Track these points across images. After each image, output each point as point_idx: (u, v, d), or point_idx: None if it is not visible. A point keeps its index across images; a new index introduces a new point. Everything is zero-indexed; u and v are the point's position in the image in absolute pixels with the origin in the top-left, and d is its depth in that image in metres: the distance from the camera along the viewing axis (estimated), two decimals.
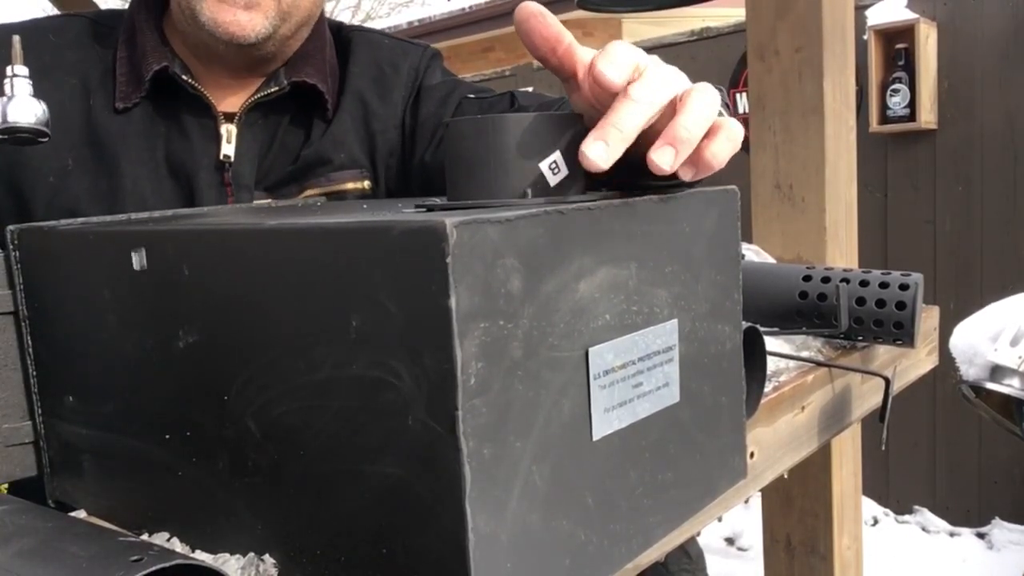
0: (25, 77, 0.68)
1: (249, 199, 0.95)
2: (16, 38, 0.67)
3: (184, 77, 0.92)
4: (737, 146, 0.49)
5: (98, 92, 0.93)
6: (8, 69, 0.68)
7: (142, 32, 0.93)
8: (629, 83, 0.46)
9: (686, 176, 0.48)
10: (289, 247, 0.42)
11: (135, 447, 0.53)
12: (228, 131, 0.94)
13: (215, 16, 0.86)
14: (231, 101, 0.96)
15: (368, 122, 1.01)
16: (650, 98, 0.45)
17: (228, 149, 0.94)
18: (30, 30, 0.93)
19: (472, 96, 1.02)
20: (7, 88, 0.68)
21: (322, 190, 0.97)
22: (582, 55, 0.51)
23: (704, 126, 0.46)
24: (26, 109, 0.68)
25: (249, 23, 0.87)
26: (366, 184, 1.00)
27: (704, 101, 0.46)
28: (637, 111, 0.45)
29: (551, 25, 0.50)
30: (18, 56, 0.68)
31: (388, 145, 1.02)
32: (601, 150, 0.44)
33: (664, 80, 0.47)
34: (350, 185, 0.99)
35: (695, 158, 0.47)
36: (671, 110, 0.47)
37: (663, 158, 0.45)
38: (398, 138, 1.03)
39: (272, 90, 0.95)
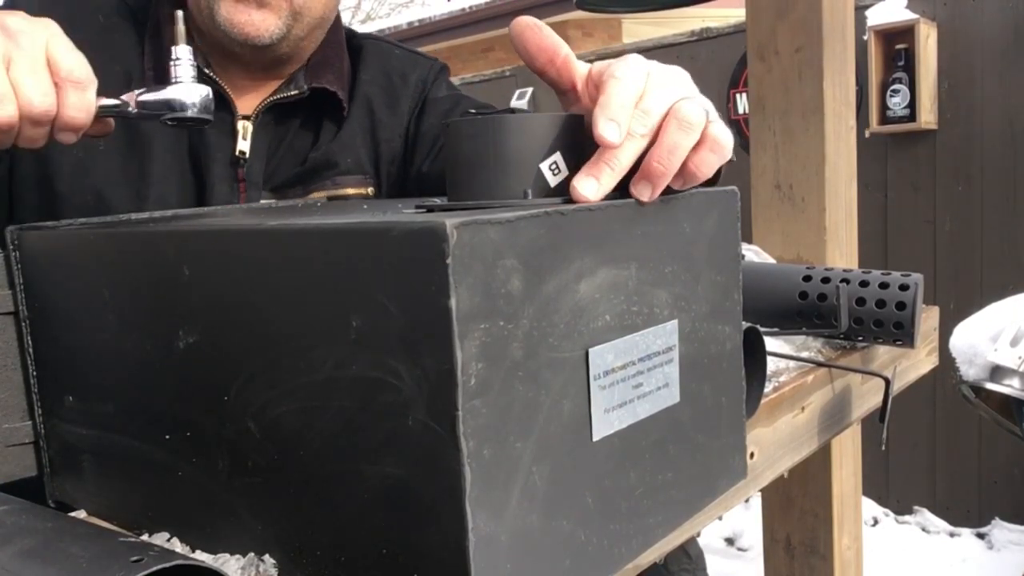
0: (189, 61, 0.70)
1: (258, 197, 0.96)
2: (179, 14, 0.70)
3: (206, 71, 0.93)
4: (724, 156, 0.49)
5: (136, 83, 0.93)
6: (172, 51, 0.69)
7: (165, 25, 0.94)
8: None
9: (675, 186, 0.49)
10: (289, 247, 0.42)
11: (135, 447, 0.53)
12: (244, 128, 0.95)
13: (231, 17, 0.88)
14: (246, 99, 0.97)
15: (375, 130, 1.03)
16: (646, 129, 0.47)
17: (244, 145, 0.95)
18: (83, 2, 0.95)
19: (474, 111, 1.03)
20: (172, 72, 0.70)
21: (327, 193, 0.99)
22: (579, 67, 0.52)
23: (683, 151, 0.47)
24: (191, 93, 0.71)
25: (263, 23, 0.89)
26: (369, 190, 1.02)
27: (685, 121, 0.47)
28: (632, 148, 0.46)
29: (547, 37, 0.51)
30: (181, 36, 0.69)
31: (391, 153, 1.04)
32: (592, 187, 0.45)
33: (663, 102, 0.47)
34: (353, 190, 1.00)
35: (681, 171, 0.48)
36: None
37: (642, 193, 0.47)
38: (401, 147, 1.05)
39: (292, 93, 0.97)
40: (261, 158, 0.96)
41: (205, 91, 0.72)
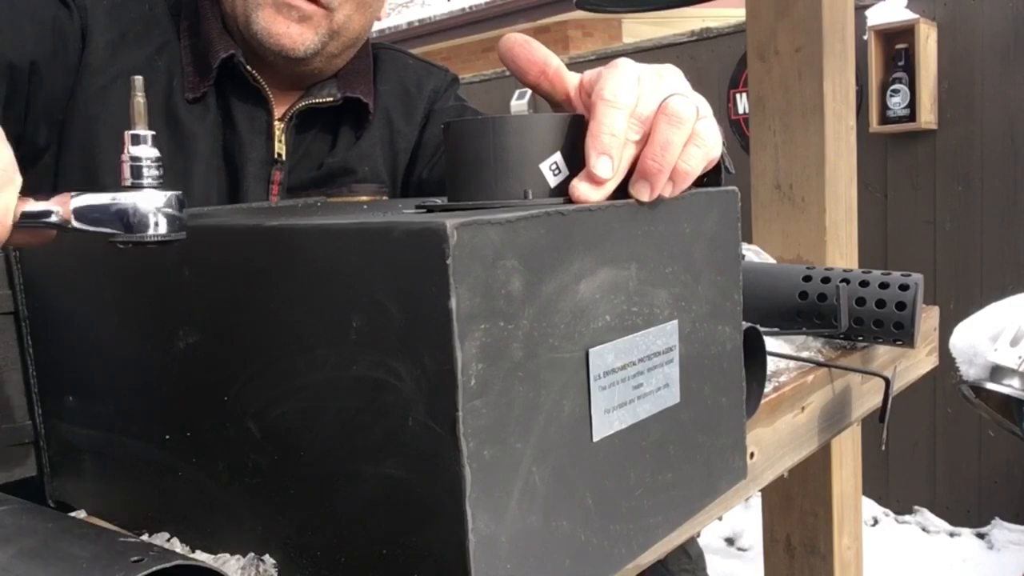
0: (151, 154, 0.46)
1: (286, 198, 0.96)
2: (138, 81, 0.46)
3: (248, 68, 0.92)
4: (709, 151, 0.49)
5: (177, 79, 0.93)
6: (126, 138, 0.45)
7: (207, 20, 0.93)
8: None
9: (666, 193, 0.48)
10: (290, 247, 0.42)
11: (135, 447, 0.53)
12: (280, 129, 0.95)
13: (269, 27, 0.88)
14: (277, 102, 0.97)
15: (393, 140, 1.04)
16: (639, 135, 0.47)
17: (280, 148, 0.95)
18: None
19: None
20: (125, 171, 0.46)
21: (342, 200, 0.99)
22: (571, 77, 0.52)
23: (677, 146, 0.47)
24: (152, 201, 0.45)
25: (300, 36, 0.89)
26: (384, 199, 1.02)
27: (675, 117, 0.47)
28: (629, 152, 0.47)
29: (537, 50, 0.51)
30: (140, 111, 0.46)
31: (404, 162, 1.05)
32: (591, 192, 0.45)
33: (655, 103, 0.47)
34: (368, 198, 1.01)
35: (671, 175, 0.48)
36: None
37: (641, 192, 0.47)
38: (409, 155, 1.06)
39: (327, 99, 0.97)
40: (290, 160, 0.97)
41: (173, 198, 0.46)
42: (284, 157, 0.95)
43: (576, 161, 0.46)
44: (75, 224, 0.46)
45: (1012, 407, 1.09)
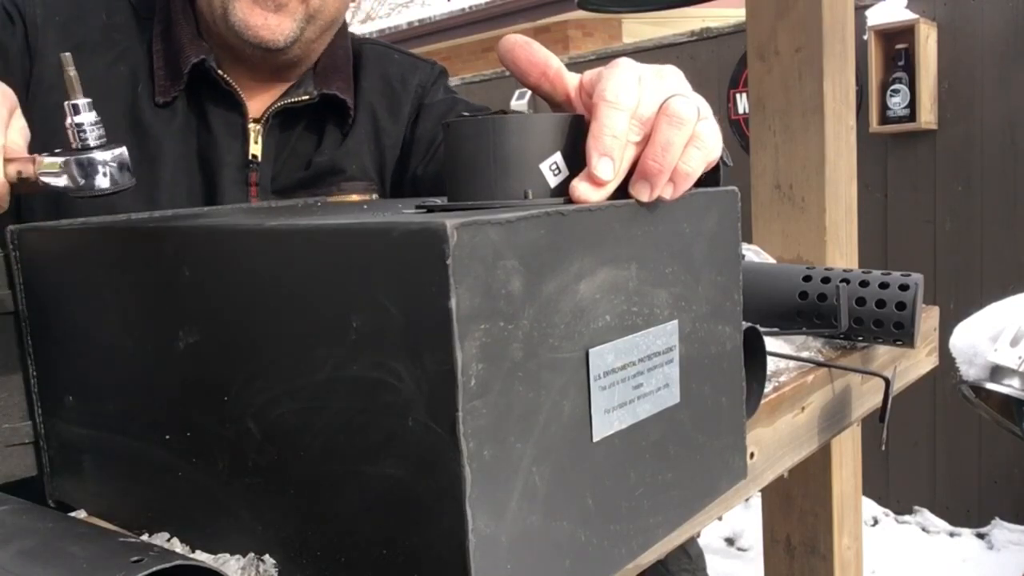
0: (92, 117, 0.56)
1: (267, 199, 0.96)
2: (67, 56, 0.54)
3: (220, 72, 0.92)
4: (709, 152, 0.49)
5: (144, 84, 0.93)
6: (67, 108, 0.54)
7: (179, 24, 0.93)
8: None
9: (667, 195, 0.48)
10: (289, 247, 0.42)
11: (135, 447, 0.53)
12: (255, 131, 0.95)
13: (246, 19, 0.88)
14: (254, 101, 0.97)
15: (379, 137, 1.03)
16: (640, 136, 0.47)
17: (255, 149, 0.95)
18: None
19: (467, 114, 1.04)
20: (72, 137, 0.55)
21: (332, 199, 0.99)
22: (571, 78, 0.52)
23: (677, 147, 0.47)
24: (104, 157, 0.56)
25: (278, 27, 0.88)
26: (374, 196, 1.02)
27: (676, 117, 0.47)
28: (629, 154, 0.47)
29: (537, 51, 0.51)
30: (75, 84, 0.54)
31: (394, 159, 1.05)
32: (591, 192, 0.45)
33: (656, 104, 0.47)
34: (358, 197, 1.01)
35: (671, 176, 0.48)
36: None
37: (641, 193, 0.47)
38: (399, 152, 1.05)
39: (303, 98, 0.97)
40: (270, 162, 0.97)
41: (118, 152, 0.57)
42: (260, 159, 0.95)
43: (576, 161, 0.46)
44: (43, 180, 0.56)
45: (1012, 407, 1.09)
